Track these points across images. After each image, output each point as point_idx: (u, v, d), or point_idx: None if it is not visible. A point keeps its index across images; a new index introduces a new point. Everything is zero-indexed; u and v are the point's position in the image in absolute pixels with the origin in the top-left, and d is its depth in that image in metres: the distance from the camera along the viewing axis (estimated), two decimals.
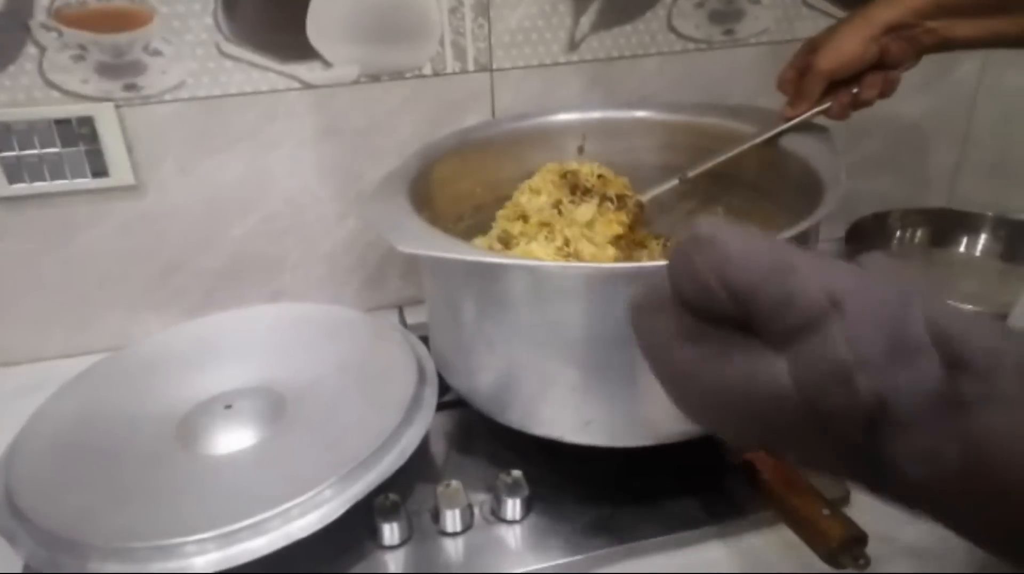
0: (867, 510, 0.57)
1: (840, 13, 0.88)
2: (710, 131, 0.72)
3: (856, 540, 0.51)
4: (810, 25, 0.88)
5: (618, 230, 0.68)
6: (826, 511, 0.52)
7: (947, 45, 0.63)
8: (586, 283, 0.53)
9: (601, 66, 0.84)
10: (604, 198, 0.69)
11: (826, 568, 0.51)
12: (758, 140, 0.68)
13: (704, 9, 0.85)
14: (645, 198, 0.71)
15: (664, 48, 0.85)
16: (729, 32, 0.87)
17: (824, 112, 0.67)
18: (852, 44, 0.63)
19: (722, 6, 0.85)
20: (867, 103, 0.66)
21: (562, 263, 0.63)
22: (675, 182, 0.70)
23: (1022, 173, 1.00)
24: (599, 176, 0.71)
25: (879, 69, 0.64)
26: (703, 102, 0.78)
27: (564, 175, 0.71)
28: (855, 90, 0.65)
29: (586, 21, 0.82)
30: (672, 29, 0.85)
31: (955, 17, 0.61)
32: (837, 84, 0.65)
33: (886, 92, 0.65)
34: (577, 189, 0.70)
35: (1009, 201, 0.96)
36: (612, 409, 0.56)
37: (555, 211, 0.69)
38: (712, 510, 0.59)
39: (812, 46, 0.66)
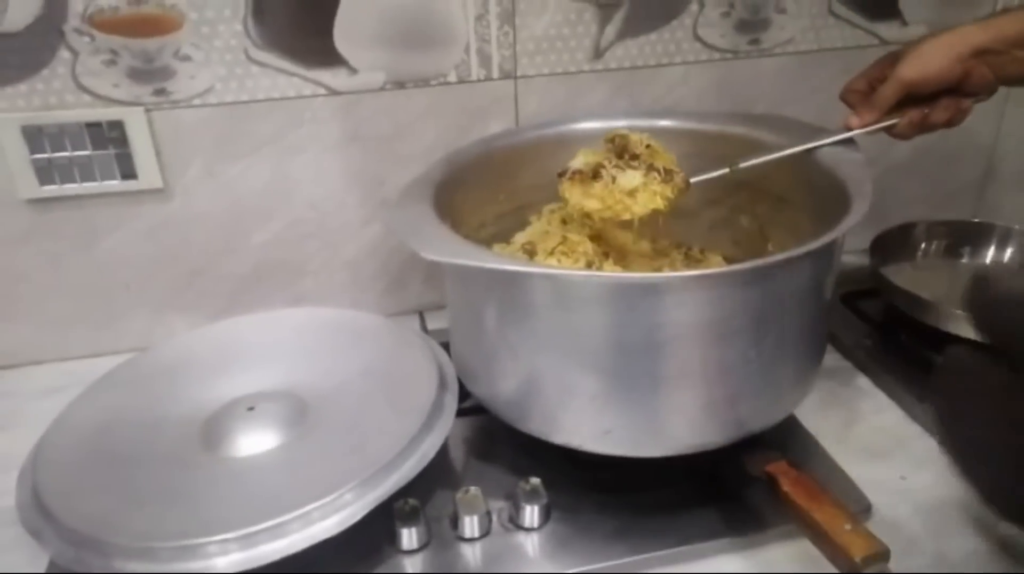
0: (889, 524, 0.57)
1: (866, 23, 0.88)
2: (736, 140, 0.72)
3: (878, 555, 0.50)
4: (836, 34, 0.88)
5: (660, 204, 0.65)
6: (848, 525, 0.52)
7: None
8: (608, 292, 0.53)
9: (626, 74, 0.84)
10: (651, 168, 0.66)
11: None
12: (818, 144, 0.66)
13: (730, 18, 0.84)
14: (693, 180, 0.68)
15: (690, 57, 0.85)
16: (755, 42, 0.86)
17: (888, 128, 0.65)
18: (940, 59, 0.62)
19: (748, 15, 0.85)
20: (934, 127, 0.64)
21: (584, 272, 0.63)
22: (725, 171, 0.68)
23: None
24: (647, 146, 0.69)
25: (953, 95, 0.63)
26: (728, 111, 0.77)
27: (612, 139, 0.69)
28: (927, 111, 0.64)
29: (611, 29, 0.82)
30: (698, 38, 0.84)
31: None
32: (908, 101, 0.64)
33: (955, 120, 0.64)
34: (625, 152, 0.68)
35: None
36: (632, 418, 0.56)
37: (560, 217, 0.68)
38: (732, 522, 0.59)
39: (893, 58, 0.65)
